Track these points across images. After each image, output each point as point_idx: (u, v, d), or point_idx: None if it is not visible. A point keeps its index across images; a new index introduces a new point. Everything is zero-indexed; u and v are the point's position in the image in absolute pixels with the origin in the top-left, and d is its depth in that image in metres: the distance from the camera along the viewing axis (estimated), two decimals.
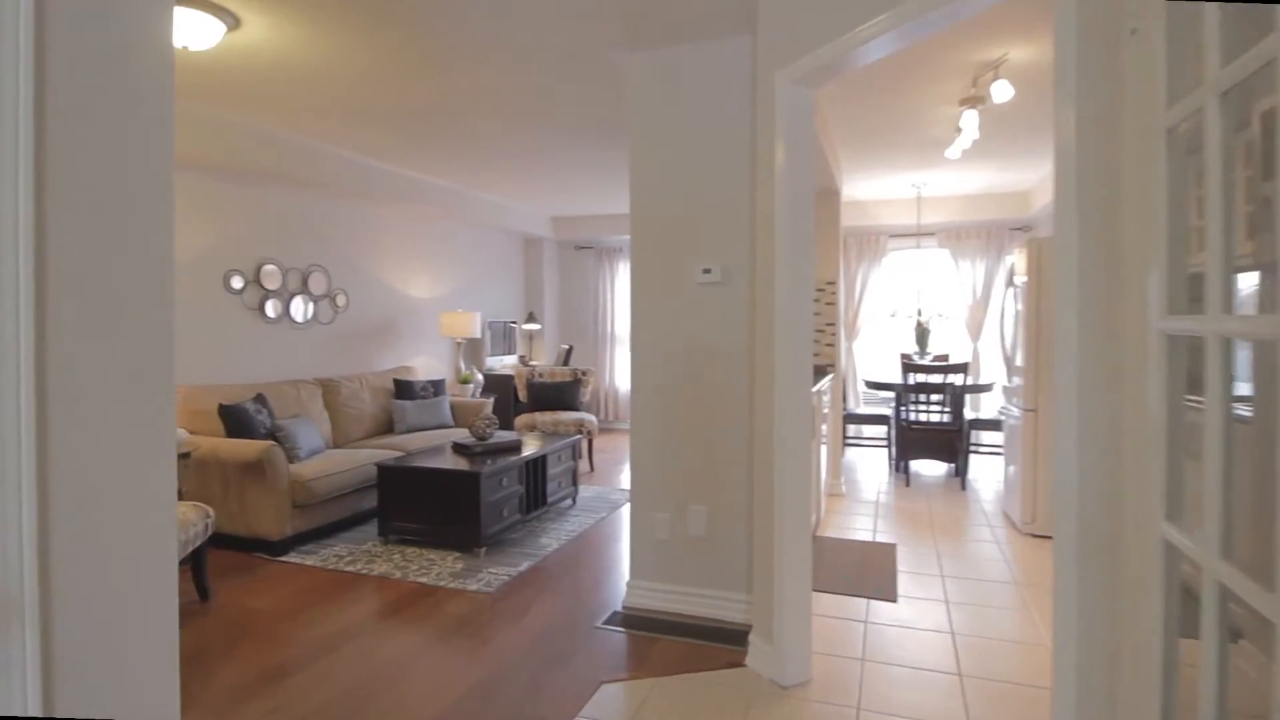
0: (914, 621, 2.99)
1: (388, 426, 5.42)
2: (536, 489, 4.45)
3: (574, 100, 3.84)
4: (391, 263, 6.10)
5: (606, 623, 2.99)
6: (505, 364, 7.66)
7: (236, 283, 4.67)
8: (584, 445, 6.34)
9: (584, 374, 6.56)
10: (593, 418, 6.14)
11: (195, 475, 3.97)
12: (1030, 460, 4.23)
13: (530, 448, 4.50)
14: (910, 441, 5.43)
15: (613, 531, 4.32)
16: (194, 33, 2.61)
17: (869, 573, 3.54)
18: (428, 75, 3.43)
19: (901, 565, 3.67)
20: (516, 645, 2.80)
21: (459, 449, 4.40)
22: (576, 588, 3.40)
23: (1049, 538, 4.06)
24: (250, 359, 4.78)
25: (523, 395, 6.44)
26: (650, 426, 3.12)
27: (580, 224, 8.00)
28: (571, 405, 6.39)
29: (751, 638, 2.67)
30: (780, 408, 2.54)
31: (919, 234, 6.97)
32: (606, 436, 7.80)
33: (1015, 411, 4.50)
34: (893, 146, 4.95)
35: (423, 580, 3.47)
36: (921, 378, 5.46)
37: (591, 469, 6.12)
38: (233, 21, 2.73)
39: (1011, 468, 4.55)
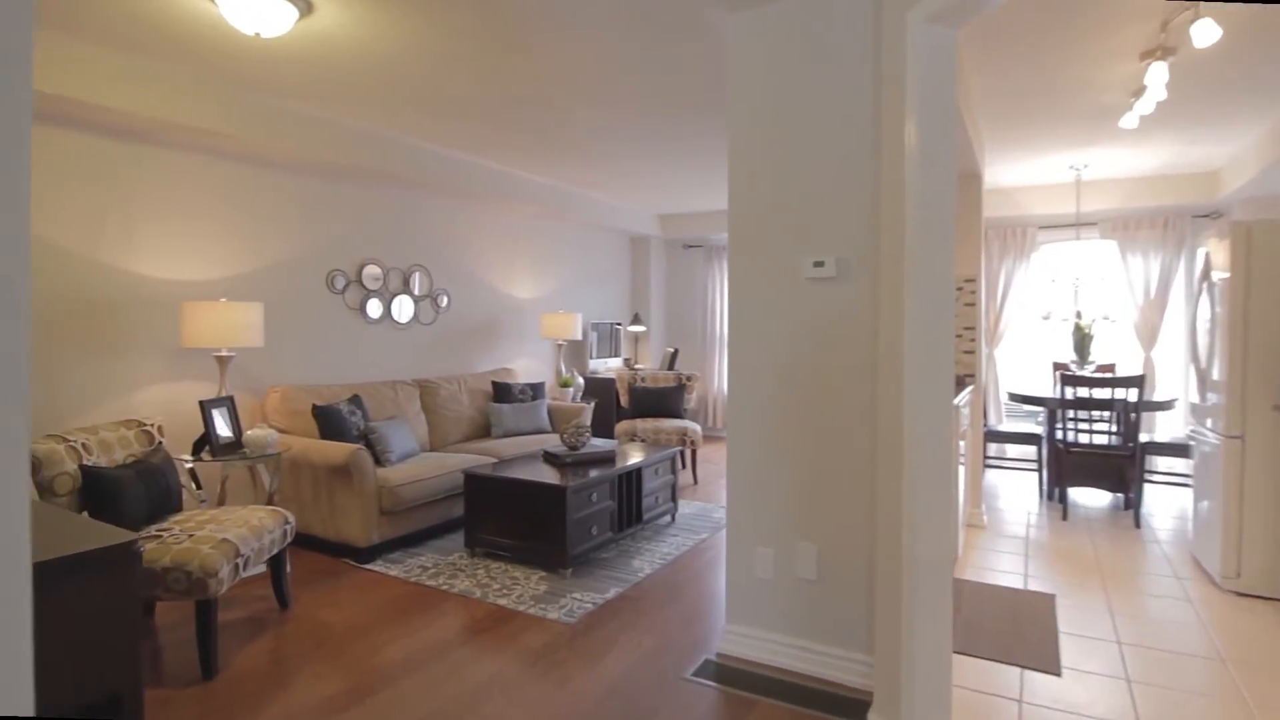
0: (1085, 706, 2.36)
1: (485, 430, 5.29)
2: (631, 504, 4.11)
3: (670, 75, 3.47)
4: (494, 263, 6.00)
5: (697, 673, 2.58)
6: (609, 367, 7.41)
7: (339, 283, 4.66)
8: (687, 456, 5.96)
9: (689, 379, 6.17)
10: (697, 426, 5.74)
11: (288, 477, 3.94)
12: (1234, 498, 3.40)
13: (626, 459, 4.17)
14: (1068, 466, 4.62)
15: (713, 556, 3.90)
16: (265, 18, 2.47)
17: (1023, 632, 2.91)
18: (508, 57, 3.17)
19: (1064, 624, 3.00)
20: (593, 692, 2.45)
21: (549, 458, 4.14)
22: (667, 625, 3.01)
23: (1262, 598, 3.24)
24: (350, 359, 4.77)
25: (624, 400, 6.15)
26: (749, 445, 2.68)
27: (688, 222, 7.62)
28: (674, 412, 6.02)
29: (872, 716, 2.18)
30: (914, 425, 2.04)
31: (1078, 224, 6.02)
32: (713, 445, 7.37)
33: (1211, 437, 3.66)
34: (1049, 120, 4.20)
35: (502, 603, 3.22)
36: (1083, 392, 4.63)
37: (695, 481, 5.72)
38: (304, 6, 2.57)
39: (1205, 504, 3.71)
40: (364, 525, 3.71)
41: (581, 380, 6.32)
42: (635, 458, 4.23)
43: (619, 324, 7.63)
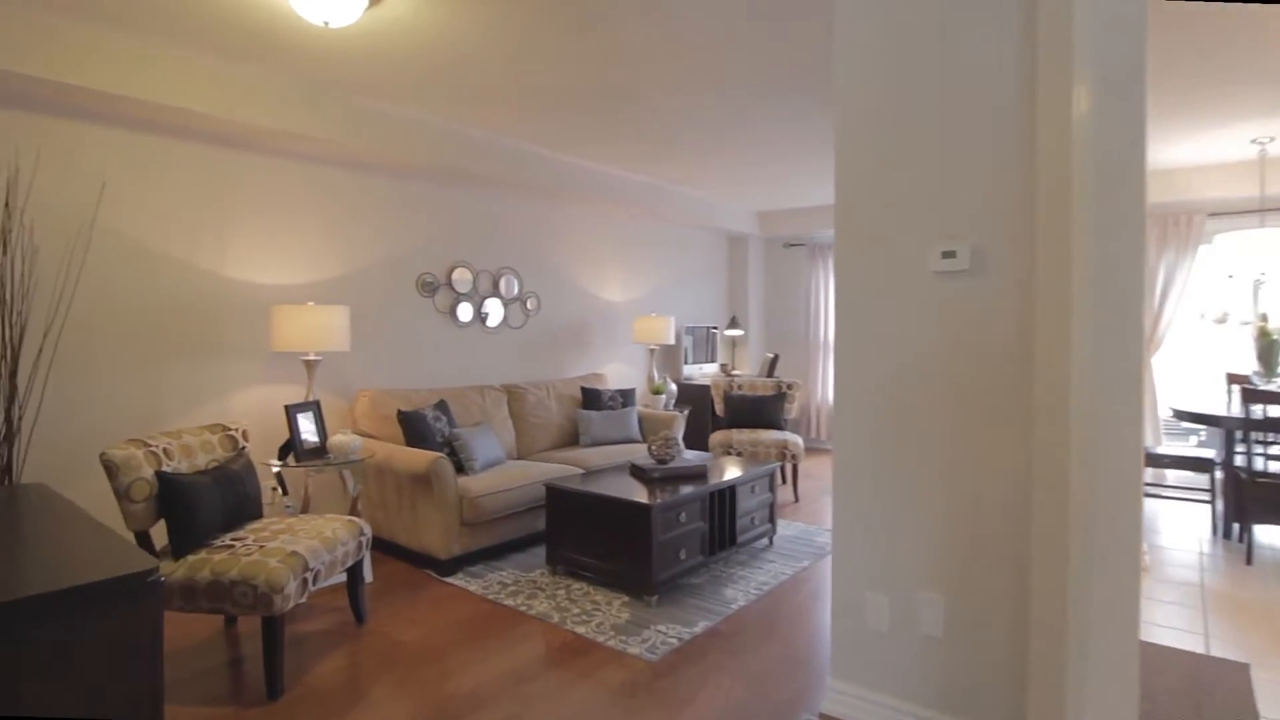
0: None
1: (573, 437, 5.09)
2: (724, 526, 3.76)
3: (770, 53, 3.10)
4: (585, 264, 5.81)
5: None
6: (705, 373, 7.07)
7: (430, 286, 4.60)
8: (787, 471, 5.54)
9: (789, 387, 5.74)
10: (798, 439, 5.30)
11: (373, 483, 3.88)
12: None
13: (719, 475, 3.83)
14: (1254, 499, 3.85)
15: (815, 589, 3.49)
16: (333, 6, 2.33)
17: (1210, 711, 2.34)
18: (590, 38, 2.92)
19: (1264, 705, 2.39)
20: None
21: (636, 472, 3.86)
22: (761, 671, 2.65)
23: None
24: (439, 364, 4.70)
25: (719, 409, 5.80)
26: (860, 469, 2.28)
27: (789, 218, 7.17)
28: (774, 423, 5.60)
29: None
30: (1086, 446, 1.60)
31: (1262, 209, 5.11)
32: (816, 459, 6.87)
33: None
34: (1229, 84, 3.50)
35: (581, 631, 2.96)
36: (1274, 410, 3.85)
37: (795, 499, 5.29)
38: None
39: None
40: (444, 537, 3.57)
41: (674, 387, 6.02)
42: (730, 473, 3.88)
43: (715, 328, 7.28)
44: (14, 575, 1.42)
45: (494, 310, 5.04)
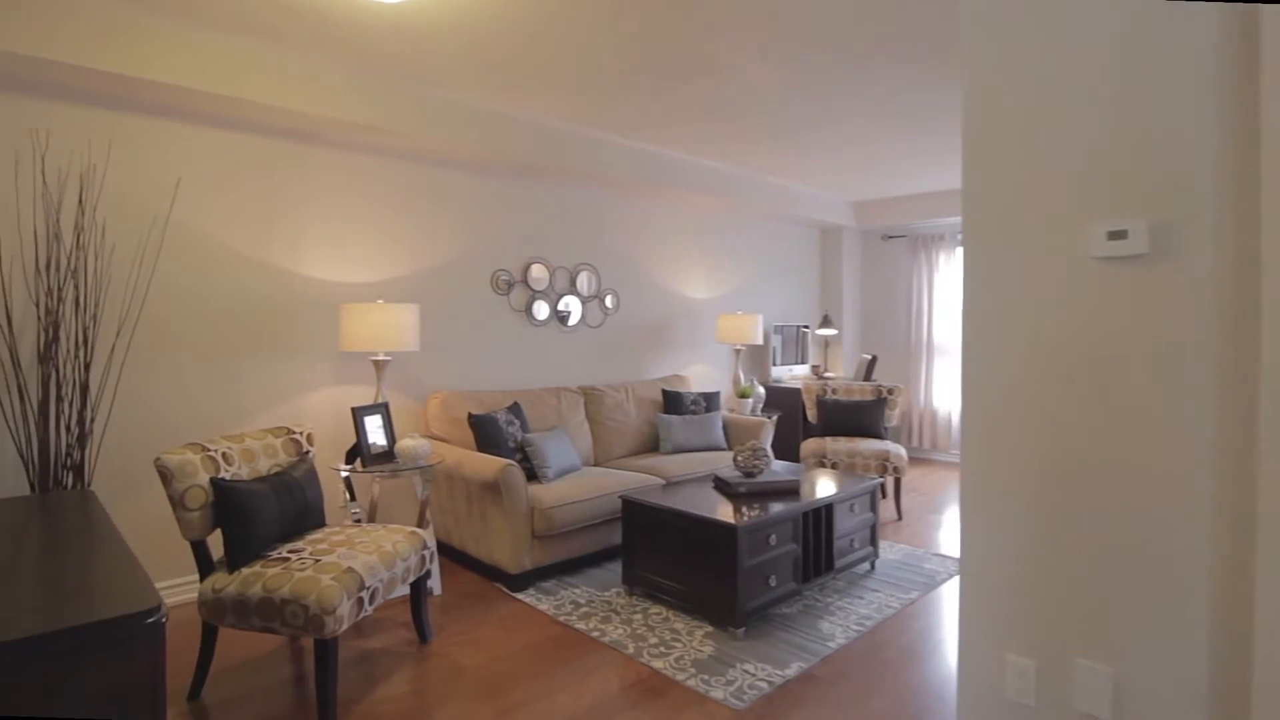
0: None
1: (653, 443, 4.80)
2: (820, 549, 3.36)
3: (865, 2, 2.69)
4: (665, 260, 5.50)
5: None
6: (794, 375, 6.62)
7: (505, 283, 4.42)
8: (889, 486, 5.04)
9: (890, 391, 5.23)
10: (901, 451, 4.80)
11: (443, 489, 3.71)
12: None
13: (814, 491, 3.43)
14: None
15: (928, 628, 3.04)
16: None
17: None
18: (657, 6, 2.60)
19: None
20: None
21: (721, 486, 3.52)
22: None
23: None
24: (514, 364, 4.51)
25: (811, 414, 5.36)
26: (993, 499, 1.85)
27: (890, 208, 6.61)
28: (873, 431, 5.12)
29: None
30: None
31: None
32: (920, 470, 6.29)
33: None
34: None
35: (658, 665, 2.65)
36: None
37: (899, 517, 4.79)
38: None
39: None
40: (514, 549, 3.35)
41: (762, 390, 5.62)
42: (826, 489, 3.47)
43: (806, 327, 6.80)
44: (3, 611, 1.25)
45: (571, 308, 4.81)
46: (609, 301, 5.06)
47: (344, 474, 3.23)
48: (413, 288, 3.99)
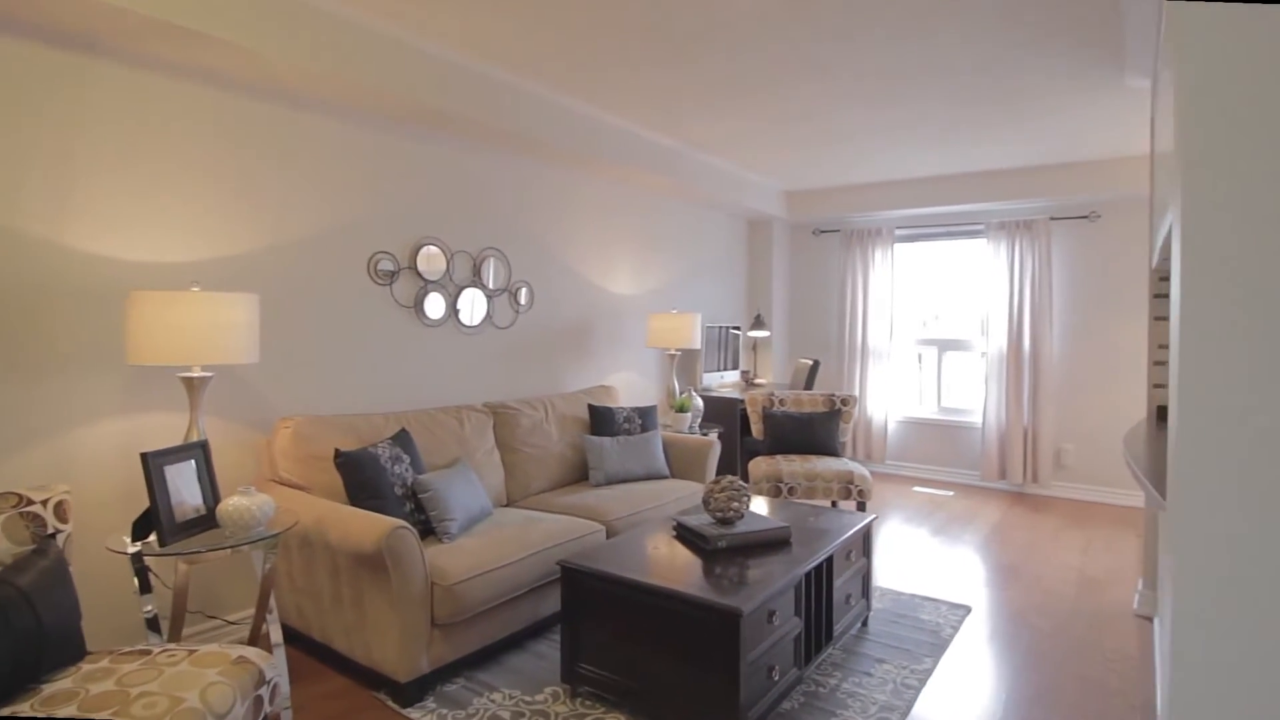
0: None
1: (579, 472, 3.87)
2: (820, 617, 2.59)
3: None
4: (587, 249, 4.59)
5: None
6: (725, 383, 5.90)
7: (385, 269, 3.34)
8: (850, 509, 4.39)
9: (845, 402, 4.61)
10: (865, 471, 4.17)
11: (298, 560, 2.61)
12: None
13: (809, 539, 2.66)
14: None
15: (967, 706, 2.33)
16: None
17: None
18: None
19: None
20: None
21: (688, 538, 2.66)
22: None
23: None
24: (399, 378, 3.44)
25: (756, 429, 4.63)
26: (1233, 590, 1.11)
27: (823, 200, 6.04)
28: (828, 448, 4.47)
29: None
30: None
31: None
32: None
33: None
34: None
35: None
36: None
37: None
38: None
39: None
40: (406, 647, 2.33)
41: (700, 402, 4.84)
42: (820, 536, 2.71)
43: (736, 328, 6.11)
44: None
45: (474, 304, 3.79)
46: (521, 296, 4.08)
47: (131, 554, 2.08)
48: (249, 272, 2.85)
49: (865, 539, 3.01)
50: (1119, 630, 3.02)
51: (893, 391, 6.15)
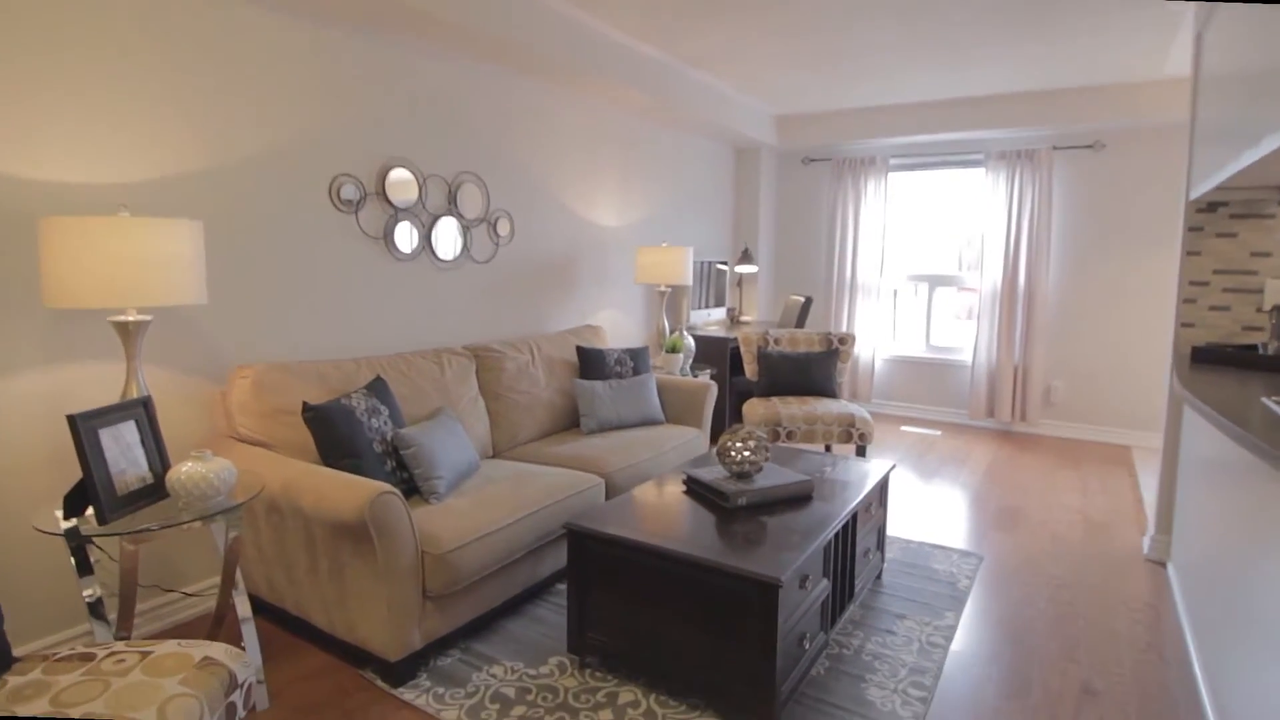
0: None
1: (570, 419, 3.61)
2: (845, 577, 2.42)
3: None
4: (570, 175, 4.19)
5: None
6: (710, 322, 5.64)
7: (349, 195, 2.93)
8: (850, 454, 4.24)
9: (843, 341, 4.40)
10: (865, 413, 4.00)
11: (265, 528, 2.31)
12: None
13: (832, 491, 2.46)
14: None
15: (1005, 675, 2.21)
16: None
17: None
18: None
19: None
20: None
21: (703, 494, 2.44)
22: None
23: None
24: (370, 318, 3.08)
25: (750, 370, 4.41)
26: None
27: (815, 125, 5.68)
28: (826, 389, 4.27)
29: None
30: None
31: None
32: None
33: None
34: None
35: None
36: None
37: None
38: None
39: None
40: (396, 625, 2.08)
41: (692, 342, 4.57)
42: (843, 487, 2.51)
43: (722, 264, 5.81)
44: None
45: (449, 235, 3.41)
46: (501, 227, 3.70)
47: (65, 532, 1.75)
48: (190, 196, 2.43)
49: (883, 489, 2.83)
50: (1133, 577, 2.94)
51: (882, 329, 5.98)
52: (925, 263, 5.92)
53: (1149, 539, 3.15)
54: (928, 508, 3.76)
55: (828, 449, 4.47)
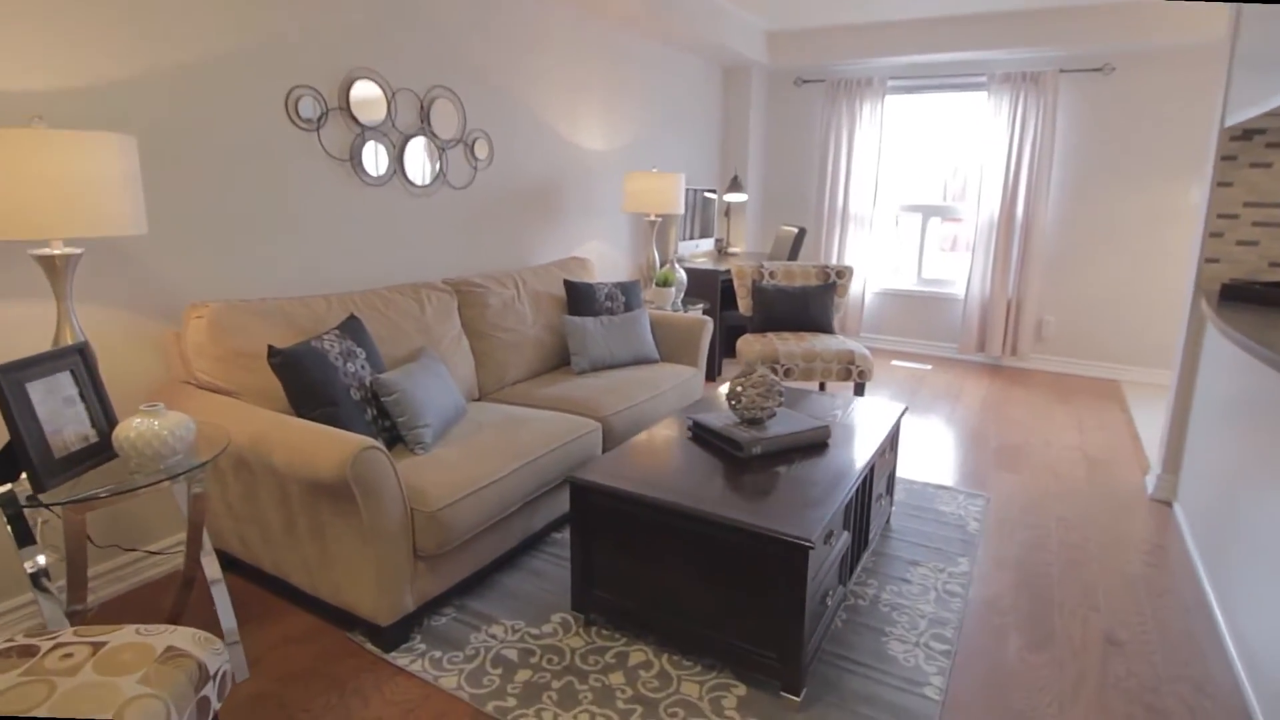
0: None
1: (559, 358, 3.40)
2: (861, 527, 2.30)
3: None
4: (552, 93, 3.83)
5: None
6: (698, 253, 5.40)
7: (309, 111, 2.59)
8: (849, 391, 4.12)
9: (839, 274, 4.21)
10: (865, 350, 3.86)
11: (233, 485, 2.09)
12: None
13: (848, 437, 2.31)
14: None
15: (1021, 622, 2.13)
16: None
17: None
18: None
19: None
20: None
21: (713, 442, 2.27)
22: None
23: None
24: (338, 247, 2.78)
25: (744, 305, 4.21)
26: None
27: (809, 42, 5.31)
28: (823, 325, 4.11)
29: None
30: None
31: None
32: None
33: None
34: None
35: None
36: None
37: None
38: None
39: None
40: (386, 588, 1.90)
41: (684, 275, 4.34)
42: (858, 433, 2.37)
43: (710, 192, 5.52)
44: None
45: (423, 158, 3.09)
46: (479, 149, 3.37)
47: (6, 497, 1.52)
48: (121, 108, 2.09)
49: (895, 434, 2.70)
50: (1141, 517, 2.90)
51: (874, 261, 5.80)
52: (919, 193, 5.70)
53: (1154, 478, 3.10)
54: (928, 447, 3.67)
55: (822, 387, 4.34)
